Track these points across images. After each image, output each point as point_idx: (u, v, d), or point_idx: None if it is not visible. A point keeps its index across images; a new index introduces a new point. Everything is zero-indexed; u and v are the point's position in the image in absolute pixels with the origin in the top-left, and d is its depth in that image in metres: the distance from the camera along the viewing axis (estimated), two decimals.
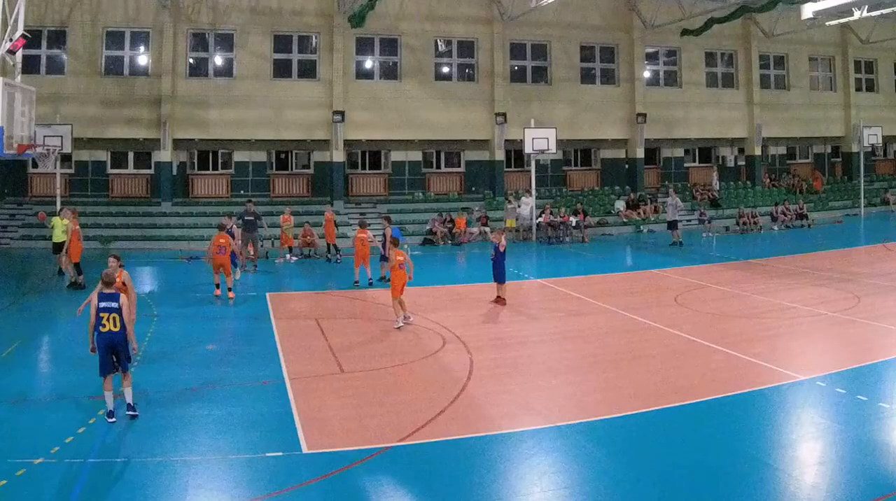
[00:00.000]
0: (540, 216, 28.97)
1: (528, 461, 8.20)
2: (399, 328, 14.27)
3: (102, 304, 9.37)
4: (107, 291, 9.51)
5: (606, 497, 7.42)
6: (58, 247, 21.57)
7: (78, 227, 18.99)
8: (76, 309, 17.05)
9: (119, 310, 9.35)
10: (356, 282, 19.40)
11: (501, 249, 16.54)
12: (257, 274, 21.95)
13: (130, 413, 9.51)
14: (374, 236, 20.12)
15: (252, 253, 22.54)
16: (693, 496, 7.39)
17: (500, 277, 16.69)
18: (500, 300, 16.65)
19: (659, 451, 8.42)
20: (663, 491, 7.48)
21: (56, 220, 22.01)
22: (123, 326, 9.43)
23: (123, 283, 11.15)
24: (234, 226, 21.15)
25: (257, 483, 7.68)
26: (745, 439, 8.68)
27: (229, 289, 18.04)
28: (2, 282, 18.49)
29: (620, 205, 31.98)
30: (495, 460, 8.24)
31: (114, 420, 9.29)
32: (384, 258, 19.34)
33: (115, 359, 9.41)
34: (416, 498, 7.59)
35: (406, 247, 21.19)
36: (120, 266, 11.61)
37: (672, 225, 26.79)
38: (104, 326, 9.34)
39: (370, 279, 19.43)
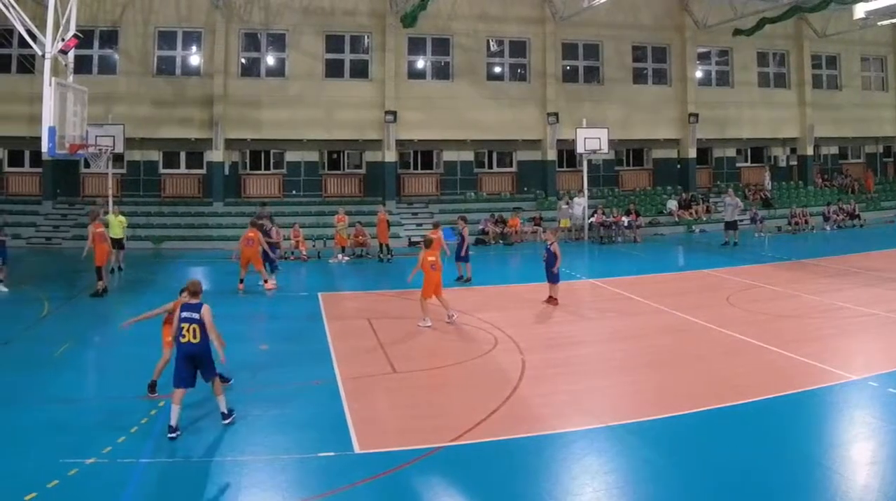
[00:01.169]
0: (592, 216, 28.18)
1: (580, 461, 8.05)
2: (426, 327, 13.89)
3: (184, 314, 8.97)
4: (191, 301, 9.12)
5: (658, 498, 7.27)
6: (116, 243, 21.30)
7: (102, 229, 18.17)
8: (128, 308, 16.24)
9: (200, 322, 8.89)
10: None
11: (553, 249, 15.87)
12: (310, 273, 21.50)
13: (225, 420, 9.12)
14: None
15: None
16: (745, 496, 7.24)
17: (552, 277, 16.03)
18: (551, 300, 15.97)
19: (711, 451, 8.28)
20: (715, 491, 7.35)
21: (111, 218, 21.64)
22: (205, 338, 8.93)
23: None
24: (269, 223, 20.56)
25: (309, 483, 7.57)
26: (797, 439, 8.55)
27: (264, 281, 18.17)
28: (54, 282, 18.01)
29: (673, 204, 31.15)
30: (547, 460, 8.10)
31: (174, 435, 8.68)
32: (460, 257, 19.35)
33: (196, 372, 8.98)
34: (468, 499, 7.42)
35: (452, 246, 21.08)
36: None
37: (730, 225, 25.99)
38: (184, 337, 8.92)
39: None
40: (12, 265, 23.03)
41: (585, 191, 28.79)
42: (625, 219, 28.36)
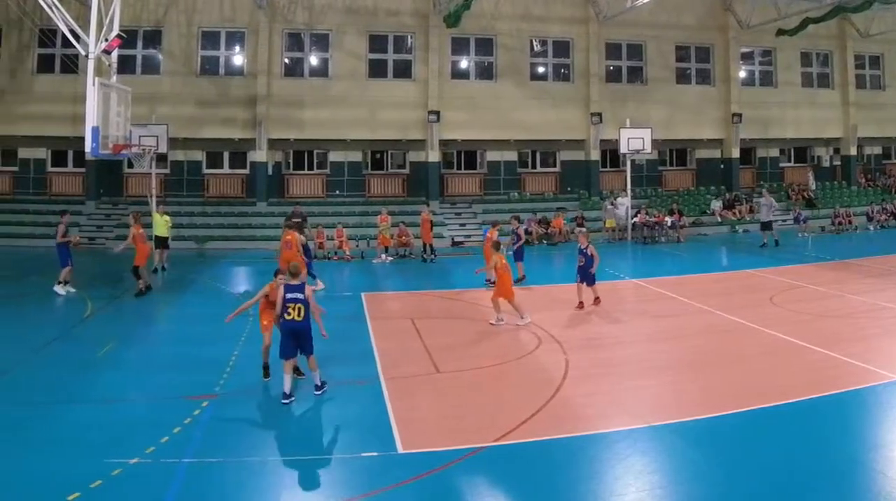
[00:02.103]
0: (635, 216, 27.69)
1: (623, 461, 7.91)
2: (493, 324, 13.77)
3: (289, 295, 9.66)
4: (293, 282, 9.81)
5: (702, 498, 7.14)
6: (160, 242, 21.05)
7: (142, 231, 17.87)
8: (171, 308, 16.94)
9: (304, 301, 9.64)
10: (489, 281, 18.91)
11: (589, 252, 15.22)
12: (353, 274, 21.11)
13: (317, 392, 9.90)
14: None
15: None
16: (788, 496, 7.12)
17: (590, 279, 15.36)
18: (584, 304, 15.31)
19: (755, 451, 8.08)
20: (759, 492, 7.18)
21: (156, 217, 21.24)
22: (307, 316, 9.68)
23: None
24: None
25: (353, 483, 7.47)
26: (841, 439, 8.39)
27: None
28: (97, 283, 17.67)
29: (717, 205, 30.55)
30: (590, 460, 8.00)
31: (287, 401, 9.58)
32: (518, 256, 19.03)
33: (297, 346, 9.71)
34: (511, 499, 7.30)
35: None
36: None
37: (766, 226, 25.45)
38: (289, 314, 9.63)
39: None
40: (55, 266, 22.97)
41: (629, 191, 28.34)
42: (668, 219, 27.87)
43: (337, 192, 29.95)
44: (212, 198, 29.31)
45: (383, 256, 23.73)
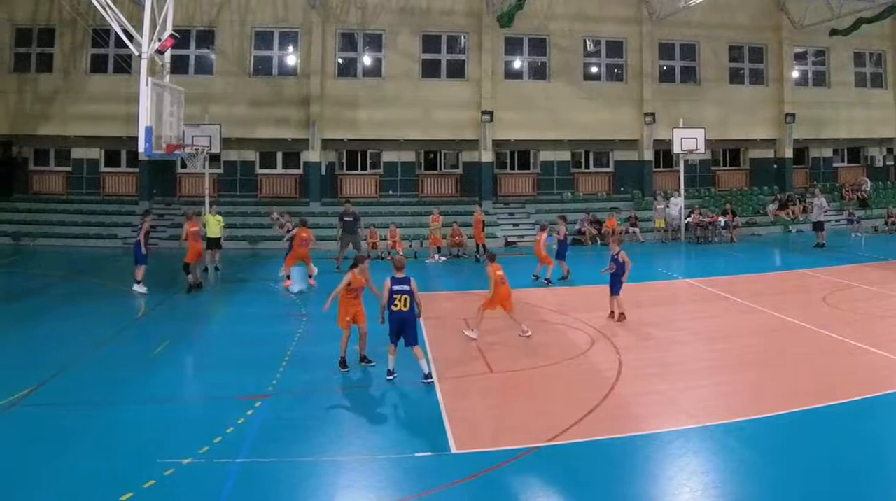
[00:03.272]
0: (689, 216, 27.18)
1: (676, 461, 7.83)
2: (473, 339, 12.90)
3: (395, 287, 10.09)
4: (399, 275, 10.24)
5: (755, 498, 7.04)
6: (213, 243, 20.61)
7: (195, 229, 17.73)
8: (224, 307, 16.75)
9: (410, 293, 10.09)
10: (535, 278, 18.85)
11: (621, 258, 14.25)
12: (406, 273, 21.01)
13: (426, 380, 10.11)
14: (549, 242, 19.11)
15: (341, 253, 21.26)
16: (842, 496, 7.03)
17: (615, 288, 14.31)
18: (621, 317, 14.23)
19: (808, 451, 8.01)
20: (812, 492, 7.11)
21: (209, 217, 20.77)
22: (413, 307, 10.16)
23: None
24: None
25: (406, 483, 7.39)
26: (894, 440, 8.30)
27: (310, 277, 18.38)
28: (151, 282, 17.32)
29: (773, 206, 30.04)
30: (644, 460, 7.91)
31: (392, 377, 10.28)
32: (560, 255, 19.08)
33: (400, 335, 10.23)
34: (564, 499, 7.20)
35: (555, 246, 20.69)
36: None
37: (818, 226, 25.05)
38: (395, 305, 10.07)
39: (548, 279, 18.67)
40: (108, 265, 22.93)
41: (682, 191, 27.67)
42: (721, 219, 27.56)
43: (390, 192, 29.46)
44: (265, 198, 28.82)
45: (436, 256, 23.29)
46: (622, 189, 30.75)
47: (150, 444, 8.23)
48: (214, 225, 20.96)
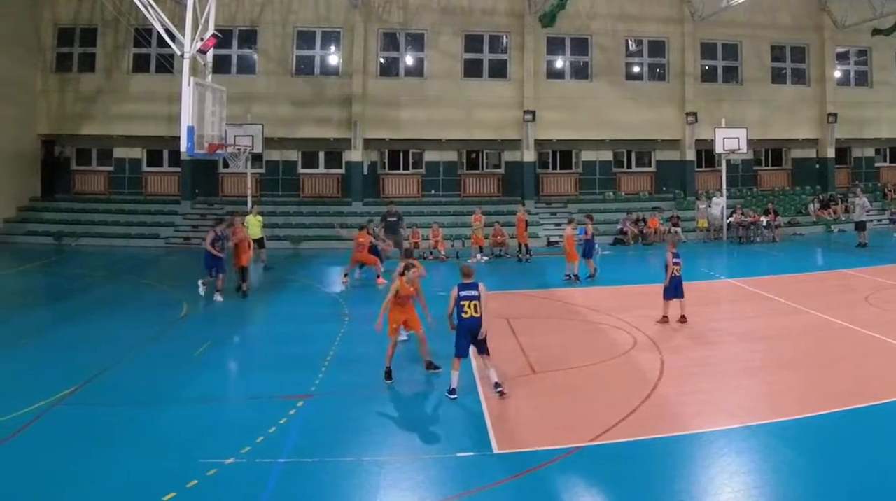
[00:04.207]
0: (731, 216, 26.79)
1: (718, 461, 7.79)
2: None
3: (463, 293, 9.72)
4: (466, 281, 9.90)
5: (797, 498, 6.97)
6: (256, 243, 20.17)
7: (244, 233, 17.34)
8: (266, 307, 16.44)
9: (479, 298, 9.70)
10: (567, 277, 18.82)
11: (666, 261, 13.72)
12: (448, 273, 20.10)
13: (498, 390, 9.65)
14: (577, 235, 19.19)
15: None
16: (884, 497, 6.95)
17: (666, 291, 13.79)
18: (667, 320, 13.87)
19: (851, 451, 7.89)
20: (856, 492, 7.02)
21: (250, 218, 20.51)
22: (481, 314, 9.70)
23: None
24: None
25: (448, 483, 7.36)
26: None
27: (378, 276, 18.11)
28: (193, 282, 17.05)
29: (814, 207, 29.76)
30: (686, 460, 7.86)
31: (453, 396, 9.60)
32: (586, 254, 18.99)
33: (470, 343, 9.72)
34: (607, 498, 7.16)
35: (597, 247, 20.65)
36: None
37: (860, 225, 24.68)
38: (465, 313, 9.65)
39: (576, 275, 18.71)
40: (150, 265, 22.66)
41: (724, 191, 27.21)
42: (763, 219, 27.34)
43: (432, 192, 29.12)
44: (307, 197, 28.56)
45: (478, 256, 22.97)
46: (664, 188, 30.30)
47: (193, 444, 8.21)
48: (256, 225, 20.76)
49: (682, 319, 13.80)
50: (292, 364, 11.52)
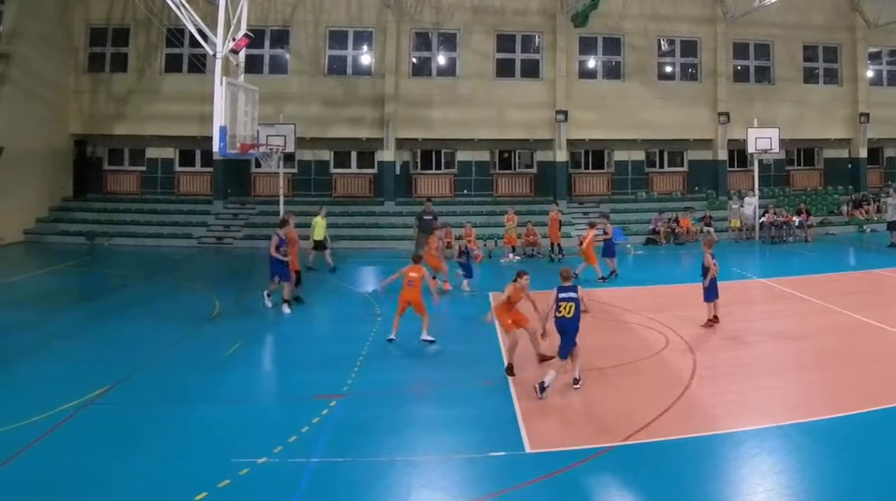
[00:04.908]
0: (763, 216, 26.56)
1: (750, 460, 7.70)
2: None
3: (562, 295, 9.91)
4: (565, 284, 10.09)
5: (829, 498, 6.92)
6: (320, 245, 20.20)
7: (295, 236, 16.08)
8: (298, 307, 15.56)
9: (576, 300, 9.90)
10: (602, 278, 18.72)
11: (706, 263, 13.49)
12: (481, 273, 20.29)
13: (575, 386, 9.85)
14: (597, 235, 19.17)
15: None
16: None
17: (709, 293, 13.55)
18: (712, 320, 13.64)
19: (883, 451, 7.82)
20: (887, 492, 6.95)
21: (318, 219, 20.37)
22: (576, 315, 9.87)
23: None
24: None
25: (481, 483, 7.32)
26: None
27: (445, 281, 17.46)
28: (225, 282, 16.97)
29: (849, 205, 29.62)
30: (718, 459, 7.81)
31: (541, 395, 9.50)
32: (607, 254, 19.05)
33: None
34: (639, 498, 7.12)
35: (629, 246, 20.60)
36: None
37: (892, 225, 24.32)
38: (560, 312, 9.84)
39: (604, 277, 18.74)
40: (182, 265, 22.67)
41: (756, 191, 27.00)
42: (796, 219, 27.24)
43: (465, 192, 28.89)
44: (339, 197, 28.32)
45: (511, 256, 22.81)
46: (696, 188, 30.00)
47: (225, 444, 8.16)
48: (321, 227, 20.56)
49: (715, 319, 13.67)
50: (325, 363, 11.48)
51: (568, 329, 9.80)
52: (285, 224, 15.78)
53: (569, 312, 9.82)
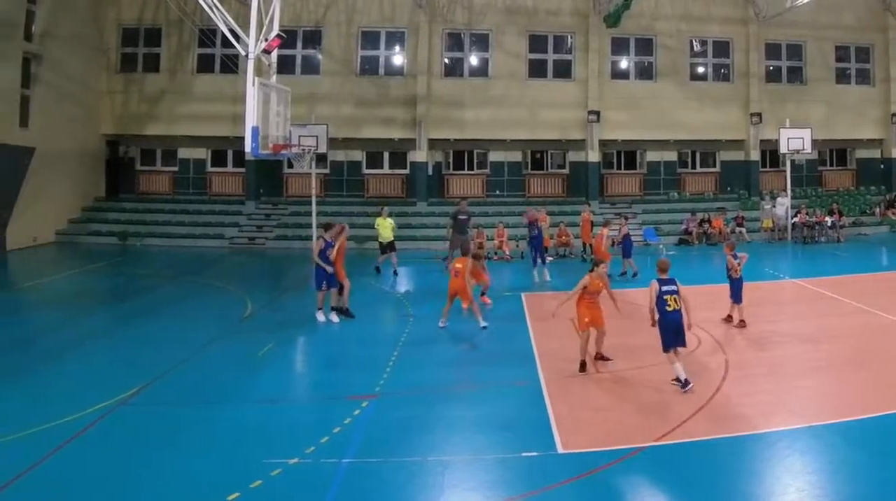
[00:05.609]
0: (795, 216, 26.38)
1: (783, 461, 7.65)
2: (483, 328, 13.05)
3: (664, 288, 9.77)
4: (664, 277, 9.95)
5: (862, 498, 6.84)
6: (389, 246, 19.82)
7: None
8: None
9: (678, 292, 9.79)
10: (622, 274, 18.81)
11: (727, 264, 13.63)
12: (513, 274, 20.44)
13: (685, 389, 9.63)
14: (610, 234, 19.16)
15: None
16: None
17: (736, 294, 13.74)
18: (731, 320, 13.77)
19: None
20: None
21: (380, 220, 20.04)
22: (682, 306, 9.71)
23: None
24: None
25: (513, 483, 7.30)
26: None
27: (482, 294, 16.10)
28: (258, 282, 16.78)
29: (882, 206, 29.29)
30: (750, 460, 7.72)
31: (688, 387, 9.58)
32: (626, 253, 19.05)
33: (678, 337, 9.75)
34: (672, 498, 7.09)
35: (661, 246, 20.49)
36: None
37: None
38: (669, 306, 9.67)
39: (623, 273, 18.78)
40: (215, 265, 22.57)
41: (788, 191, 26.79)
42: (828, 219, 27.06)
43: (497, 192, 28.68)
44: (372, 198, 28.12)
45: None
46: (728, 189, 29.76)
47: (257, 444, 8.14)
48: (387, 228, 20.22)
49: (729, 319, 13.87)
50: (357, 364, 11.47)
51: (679, 322, 9.70)
52: (331, 228, 14.51)
53: (677, 304, 9.72)
